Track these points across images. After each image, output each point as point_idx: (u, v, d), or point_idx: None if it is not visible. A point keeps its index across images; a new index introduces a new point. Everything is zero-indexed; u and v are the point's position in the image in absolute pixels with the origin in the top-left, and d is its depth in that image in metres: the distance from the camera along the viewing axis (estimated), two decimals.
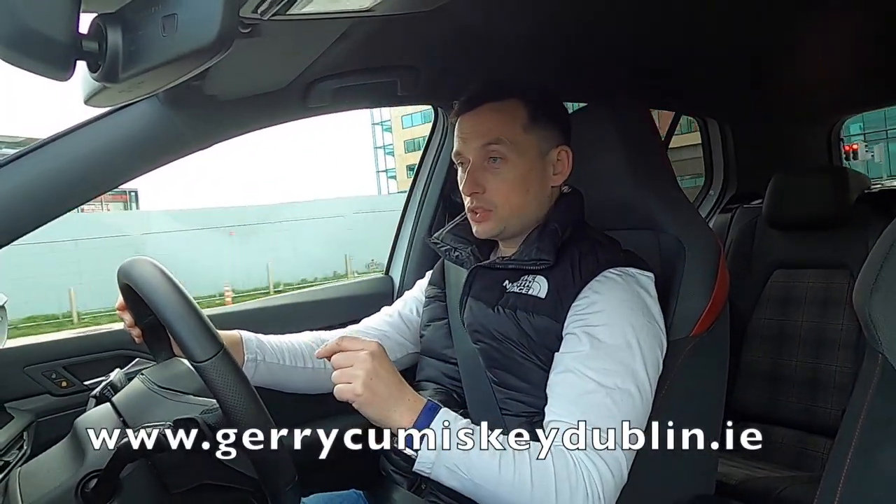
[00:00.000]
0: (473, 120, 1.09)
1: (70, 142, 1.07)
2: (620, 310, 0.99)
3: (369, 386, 0.88)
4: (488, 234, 1.11)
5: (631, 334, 0.97)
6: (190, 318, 0.82)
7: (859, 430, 0.65)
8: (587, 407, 0.93)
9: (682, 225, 1.17)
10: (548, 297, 1.05)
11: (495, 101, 1.08)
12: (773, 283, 2.01)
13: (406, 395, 0.91)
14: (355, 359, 0.89)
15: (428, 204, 1.72)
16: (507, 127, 1.07)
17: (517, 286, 1.09)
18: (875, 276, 0.65)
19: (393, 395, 0.90)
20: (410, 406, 0.90)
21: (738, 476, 1.70)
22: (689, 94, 2.11)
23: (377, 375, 0.89)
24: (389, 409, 0.89)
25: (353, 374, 0.88)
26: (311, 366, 1.20)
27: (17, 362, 1.28)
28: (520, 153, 1.07)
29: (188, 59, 0.60)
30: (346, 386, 0.89)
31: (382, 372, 0.90)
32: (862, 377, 0.68)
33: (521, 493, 0.88)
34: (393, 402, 0.89)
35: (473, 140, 1.08)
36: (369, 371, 0.88)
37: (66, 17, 0.56)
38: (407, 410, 0.89)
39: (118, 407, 0.94)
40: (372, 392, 0.88)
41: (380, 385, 0.89)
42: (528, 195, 1.09)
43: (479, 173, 1.08)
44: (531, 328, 1.04)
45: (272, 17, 0.79)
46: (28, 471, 0.93)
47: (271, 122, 1.32)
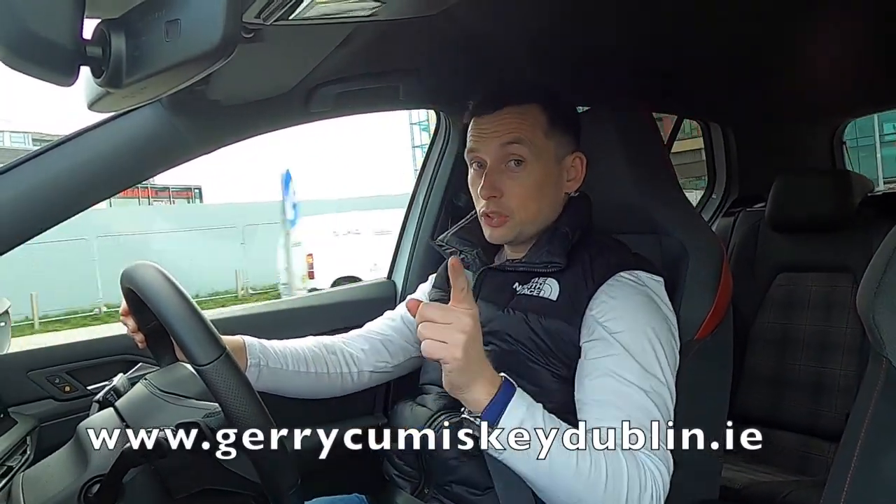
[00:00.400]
0: (494, 120, 1.08)
1: (73, 147, 1.07)
2: (638, 315, 0.99)
3: (468, 352, 0.83)
4: (502, 239, 1.11)
5: (654, 337, 0.98)
6: (192, 322, 0.82)
7: (864, 435, 0.65)
8: (631, 409, 0.92)
9: (685, 228, 1.17)
10: (560, 301, 1.04)
11: (515, 104, 1.08)
12: (776, 286, 2.00)
13: (487, 370, 0.87)
14: (458, 320, 0.83)
15: (430, 208, 1.72)
16: (529, 130, 1.07)
17: (527, 288, 1.09)
18: (878, 280, 0.65)
19: (481, 365, 0.86)
20: (490, 379, 0.86)
21: (742, 480, 1.69)
22: (691, 97, 2.10)
23: (476, 342, 0.85)
24: (475, 378, 0.85)
25: (454, 336, 0.82)
26: (313, 371, 1.20)
27: (21, 367, 1.28)
28: (539, 157, 1.07)
29: (191, 64, 0.60)
30: (442, 346, 0.83)
31: (479, 340, 0.86)
32: (866, 381, 0.68)
33: (596, 487, 0.86)
34: (479, 373, 0.85)
35: (493, 139, 1.07)
36: (472, 336, 0.83)
37: (70, 23, 0.56)
38: (488, 383, 0.86)
39: (121, 411, 0.94)
40: (468, 358, 0.83)
41: (475, 353, 0.84)
42: (544, 201, 1.09)
43: (497, 176, 1.07)
44: (543, 331, 1.04)
45: (275, 23, 0.80)
46: (31, 476, 0.93)
47: (274, 127, 1.33)
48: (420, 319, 0.85)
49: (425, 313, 0.84)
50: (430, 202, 1.72)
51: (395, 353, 1.28)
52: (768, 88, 2.07)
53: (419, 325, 0.85)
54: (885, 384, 0.65)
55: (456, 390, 0.86)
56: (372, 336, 1.28)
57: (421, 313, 0.84)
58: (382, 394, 1.49)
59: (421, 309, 0.85)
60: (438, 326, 0.83)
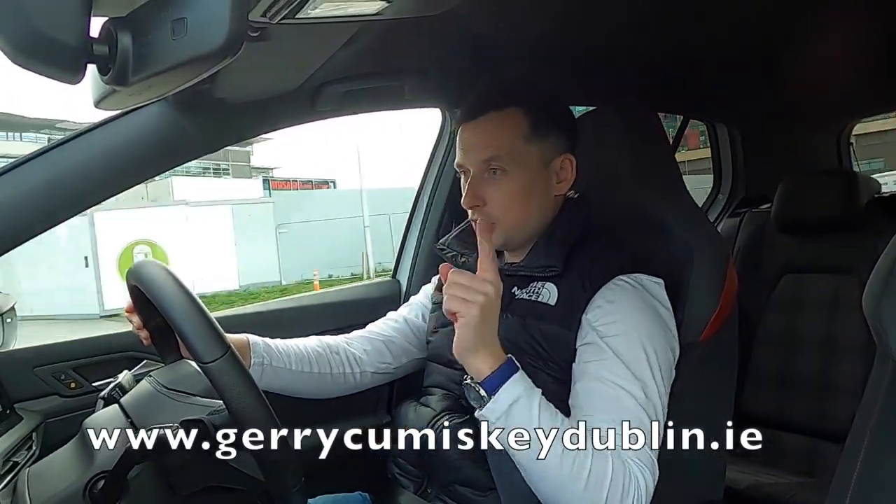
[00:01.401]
0: (474, 131, 1.08)
1: (79, 145, 1.08)
2: (633, 319, 0.99)
3: (484, 314, 0.87)
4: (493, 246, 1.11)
5: (647, 343, 0.97)
6: (197, 320, 0.82)
7: (869, 436, 0.65)
8: (619, 413, 0.93)
9: (691, 229, 1.16)
10: (558, 306, 1.04)
11: (496, 110, 1.06)
12: (782, 287, 2.00)
13: (497, 343, 0.91)
14: (481, 285, 0.88)
15: (435, 208, 1.72)
16: (508, 140, 1.05)
17: (526, 293, 1.09)
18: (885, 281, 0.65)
19: (491, 334, 0.90)
20: (496, 353, 0.90)
21: (746, 482, 1.69)
22: (697, 97, 2.10)
23: (492, 310, 0.89)
24: (483, 345, 0.89)
25: (475, 296, 0.87)
26: (317, 371, 1.20)
27: (27, 363, 1.29)
28: (521, 165, 1.05)
29: (197, 62, 0.60)
30: (462, 301, 0.88)
31: (495, 312, 0.90)
32: (872, 382, 0.67)
33: (577, 481, 0.87)
34: (488, 341, 0.89)
35: (474, 153, 1.07)
36: (491, 300, 0.88)
37: (76, 21, 0.57)
38: (494, 356, 0.90)
39: (126, 408, 0.95)
40: (483, 319, 0.87)
41: (490, 319, 0.89)
42: (530, 206, 1.08)
43: (479, 185, 1.06)
44: (541, 336, 1.03)
45: (281, 21, 0.80)
46: (36, 471, 0.94)
47: (280, 126, 1.33)
48: (449, 282, 0.90)
49: (453, 277, 0.90)
50: (435, 201, 1.72)
51: (397, 355, 1.28)
52: (774, 89, 2.06)
53: (445, 287, 0.90)
54: (890, 385, 0.65)
55: (463, 352, 0.89)
56: (374, 337, 1.29)
57: (450, 277, 0.90)
58: (386, 394, 1.49)
59: (451, 273, 0.91)
60: (463, 287, 0.88)
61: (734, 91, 2.08)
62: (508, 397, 0.88)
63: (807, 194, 1.93)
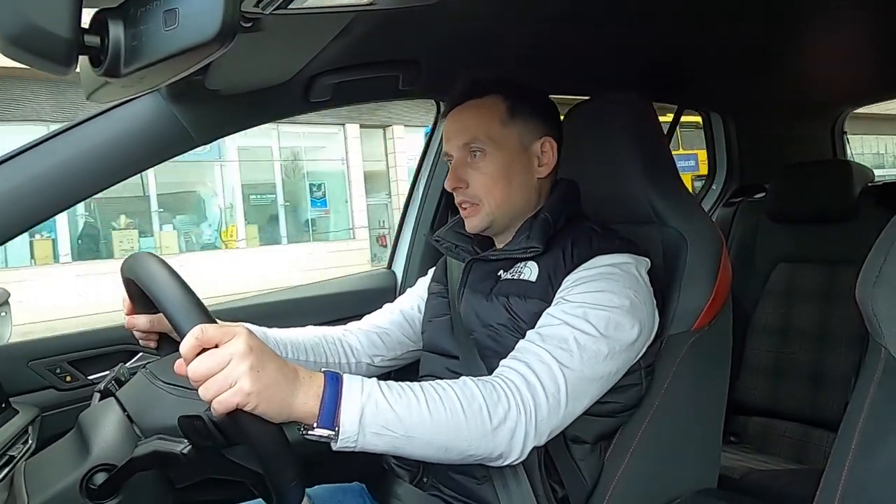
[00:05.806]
0: (455, 119, 1.12)
1: (72, 137, 1.07)
2: (602, 281, 0.98)
3: (260, 378, 0.71)
4: (478, 228, 1.12)
5: (608, 306, 0.95)
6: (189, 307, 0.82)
7: (861, 424, 0.65)
8: (548, 336, 0.93)
9: (684, 218, 1.16)
10: (538, 281, 1.05)
11: (476, 98, 1.11)
12: (776, 276, 2.00)
13: (298, 372, 0.76)
14: (226, 353, 0.72)
15: (430, 199, 1.72)
16: (485, 123, 1.09)
17: (510, 273, 1.10)
18: (878, 270, 0.65)
19: (287, 378, 0.75)
20: (309, 384, 0.76)
21: (740, 469, 1.70)
22: (692, 87, 2.09)
23: (262, 363, 0.73)
24: (290, 396, 0.74)
25: (233, 374, 0.71)
26: (313, 360, 1.21)
27: (22, 357, 1.28)
28: (499, 146, 1.09)
29: (190, 53, 0.60)
30: (229, 392, 0.71)
31: (265, 357, 0.74)
32: (864, 370, 0.68)
33: (458, 428, 0.82)
34: (291, 387, 0.75)
35: (455, 138, 1.11)
36: (253, 362, 0.72)
37: (68, 12, 0.56)
38: (308, 390, 0.76)
39: (122, 402, 0.95)
40: (264, 384, 0.72)
41: (270, 373, 0.73)
42: (512, 187, 1.10)
43: (461, 168, 1.11)
44: (524, 312, 1.04)
45: (274, 12, 0.79)
46: (33, 465, 0.93)
47: (273, 117, 1.33)
48: (194, 378, 0.72)
49: (194, 369, 0.72)
50: (430, 193, 1.72)
51: (392, 347, 1.29)
52: (769, 78, 2.07)
53: (194, 384, 0.73)
54: (883, 373, 0.66)
55: (278, 420, 0.75)
56: (370, 329, 1.29)
57: (191, 372, 0.72)
58: None
59: (177, 367, 0.75)
60: (213, 377, 0.71)
61: (728, 81, 2.08)
62: (353, 413, 0.77)
63: (801, 184, 1.94)
